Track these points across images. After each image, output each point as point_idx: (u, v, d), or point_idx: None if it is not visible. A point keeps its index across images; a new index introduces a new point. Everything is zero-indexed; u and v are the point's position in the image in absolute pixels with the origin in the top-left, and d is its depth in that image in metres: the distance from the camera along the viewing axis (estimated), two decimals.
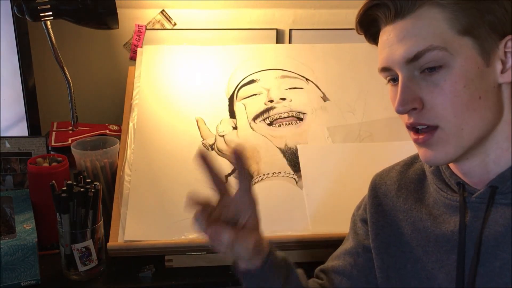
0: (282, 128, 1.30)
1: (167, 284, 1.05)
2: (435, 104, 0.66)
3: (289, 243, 1.08)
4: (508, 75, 0.67)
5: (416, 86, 0.67)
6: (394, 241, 0.80)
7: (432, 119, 0.67)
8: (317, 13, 1.57)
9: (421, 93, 0.67)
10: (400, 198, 0.81)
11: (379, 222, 0.82)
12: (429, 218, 0.76)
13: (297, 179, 1.20)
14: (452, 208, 0.74)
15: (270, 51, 1.47)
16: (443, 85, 0.65)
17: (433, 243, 0.75)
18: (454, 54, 0.65)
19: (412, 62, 0.67)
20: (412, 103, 0.67)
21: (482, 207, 0.70)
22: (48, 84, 1.51)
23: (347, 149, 1.26)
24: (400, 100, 0.67)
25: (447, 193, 0.75)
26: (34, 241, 1.01)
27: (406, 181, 0.82)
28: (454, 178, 0.75)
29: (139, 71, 1.40)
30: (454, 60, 0.65)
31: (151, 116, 1.31)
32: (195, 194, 0.68)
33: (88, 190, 1.03)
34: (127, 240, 1.06)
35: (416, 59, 0.66)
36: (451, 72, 0.65)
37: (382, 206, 0.83)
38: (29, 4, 1.22)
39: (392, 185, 0.83)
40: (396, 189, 0.82)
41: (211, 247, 0.72)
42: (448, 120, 0.66)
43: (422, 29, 0.66)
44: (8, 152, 1.29)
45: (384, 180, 0.85)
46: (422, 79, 0.67)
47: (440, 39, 0.65)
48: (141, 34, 1.51)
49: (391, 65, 0.69)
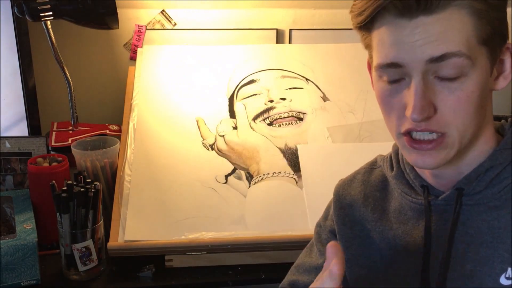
0: (282, 128, 1.30)
1: (167, 284, 1.05)
2: (448, 112, 0.63)
3: (289, 243, 1.08)
4: (501, 81, 0.66)
5: (430, 92, 0.63)
6: (364, 252, 0.78)
7: (442, 126, 0.63)
8: (317, 13, 1.57)
9: (435, 99, 0.63)
10: (368, 207, 0.78)
11: (347, 234, 0.79)
12: (398, 226, 0.74)
13: (297, 179, 1.20)
14: (418, 211, 0.72)
15: (270, 51, 1.47)
16: (459, 93, 0.62)
17: (403, 250, 0.73)
18: (474, 64, 0.62)
19: (434, 63, 0.61)
20: (428, 110, 0.62)
21: (448, 209, 0.69)
22: (48, 84, 1.51)
23: (347, 149, 1.26)
24: (419, 108, 0.61)
25: (412, 196, 0.73)
26: (34, 241, 1.01)
27: (370, 190, 0.80)
28: (419, 180, 0.73)
29: (139, 71, 1.40)
30: (474, 70, 0.62)
31: (151, 116, 1.31)
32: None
33: (88, 190, 1.03)
34: (127, 240, 1.06)
35: (440, 61, 0.61)
36: (469, 81, 0.62)
37: (349, 217, 0.80)
38: (29, 4, 1.22)
39: (357, 195, 0.80)
40: (362, 199, 0.79)
41: None
42: (456, 126, 0.64)
43: (452, 30, 0.60)
44: (8, 152, 1.29)
45: (348, 191, 0.82)
46: (437, 84, 0.63)
47: (467, 46, 0.61)
48: (141, 34, 1.51)
49: (406, 62, 0.63)
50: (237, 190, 1.18)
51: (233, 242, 1.08)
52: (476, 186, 0.67)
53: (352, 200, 0.81)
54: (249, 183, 1.19)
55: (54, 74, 1.47)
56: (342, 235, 0.80)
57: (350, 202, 0.81)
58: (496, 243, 0.66)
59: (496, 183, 0.67)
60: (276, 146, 1.26)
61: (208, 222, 1.12)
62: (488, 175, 0.67)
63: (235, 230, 1.10)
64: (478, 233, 0.67)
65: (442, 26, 0.60)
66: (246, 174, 1.21)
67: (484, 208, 0.67)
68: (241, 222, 1.12)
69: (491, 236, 0.66)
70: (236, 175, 1.21)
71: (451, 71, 0.61)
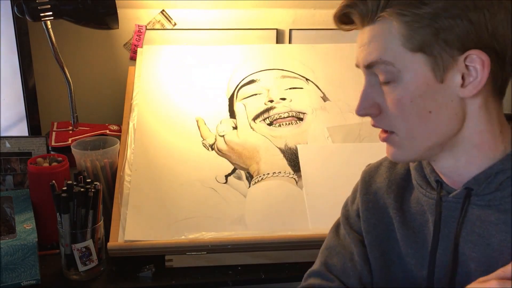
0: (282, 128, 1.30)
1: (167, 284, 1.05)
2: (389, 113, 0.69)
3: (289, 243, 1.08)
4: (470, 89, 0.66)
5: (376, 93, 0.70)
6: (385, 238, 0.80)
7: (387, 125, 0.70)
8: (317, 13, 1.57)
9: (378, 100, 0.70)
10: (391, 195, 0.81)
11: (370, 219, 0.82)
12: (415, 218, 0.77)
13: (297, 179, 1.20)
14: (431, 206, 0.74)
15: (270, 51, 1.47)
16: (392, 97, 0.68)
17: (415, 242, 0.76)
18: (402, 70, 0.66)
19: (369, 68, 0.69)
20: (369, 109, 0.70)
21: (458, 207, 0.71)
22: (48, 84, 1.51)
23: (347, 149, 1.26)
24: (358, 105, 0.71)
25: (426, 190, 0.75)
26: (34, 241, 1.01)
27: (395, 177, 0.82)
28: (434, 175, 0.75)
29: (139, 71, 1.40)
30: (402, 76, 0.66)
31: (151, 116, 1.31)
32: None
33: (88, 190, 1.03)
34: (127, 240, 1.06)
35: (370, 67, 0.69)
36: (398, 87, 0.67)
37: (372, 203, 0.83)
38: (29, 4, 1.22)
39: (383, 182, 0.83)
40: (386, 186, 0.82)
41: None
42: (399, 128, 0.69)
43: (377, 40, 0.67)
44: (8, 152, 1.29)
45: (374, 178, 0.85)
46: (381, 87, 0.69)
47: (390, 54, 0.66)
48: (141, 34, 1.51)
49: (359, 66, 0.72)
50: (237, 190, 1.18)
51: (233, 242, 1.08)
52: (485, 188, 0.69)
53: (377, 187, 0.83)
54: (249, 183, 1.19)
55: (54, 74, 1.47)
56: (365, 220, 0.82)
57: (376, 189, 0.83)
58: (502, 246, 0.67)
59: (506, 187, 0.68)
60: (276, 146, 1.26)
61: (208, 222, 1.12)
62: (498, 178, 0.68)
63: (235, 230, 1.10)
64: (485, 234, 0.68)
65: (371, 36, 0.68)
66: (246, 174, 1.21)
67: (494, 210, 0.68)
68: (241, 222, 1.13)
69: (498, 239, 0.67)
70: (236, 175, 1.21)
71: (382, 76, 0.68)
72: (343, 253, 0.84)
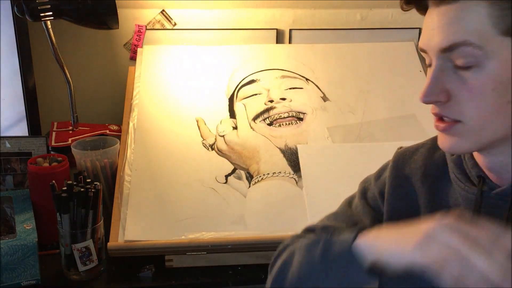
0: (282, 128, 1.30)
1: (167, 284, 1.05)
2: (462, 101, 0.64)
3: None
4: None
5: (446, 78, 0.65)
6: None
7: (456, 114, 0.65)
8: (317, 13, 1.57)
9: (450, 86, 0.64)
10: (425, 185, 0.77)
11: (395, 204, 0.79)
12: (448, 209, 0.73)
13: (297, 179, 1.20)
14: (468, 201, 0.71)
15: (270, 51, 1.47)
16: (472, 83, 0.63)
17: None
18: (489, 54, 0.61)
19: (446, 52, 0.64)
20: (437, 95, 0.65)
21: (501, 204, 0.67)
22: (48, 84, 1.51)
23: (347, 149, 1.26)
24: (426, 91, 0.65)
25: (466, 184, 0.72)
26: (34, 241, 1.01)
27: (432, 167, 0.78)
28: (476, 170, 0.71)
29: (139, 71, 1.40)
30: (489, 61, 0.62)
31: (151, 116, 1.31)
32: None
33: (88, 190, 1.03)
34: (127, 240, 1.06)
35: (450, 51, 0.63)
36: (483, 72, 0.62)
37: (402, 188, 0.79)
38: (29, 4, 1.22)
39: (417, 169, 0.79)
40: (421, 174, 0.78)
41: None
42: (471, 118, 0.64)
43: (463, 20, 0.62)
44: (8, 152, 1.28)
45: (409, 162, 0.80)
46: (454, 72, 0.64)
47: (478, 36, 0.61)
48: (141, 34, 1.51)
49: (428, 49, 0.67)
50: (237, 190, 1.18)
51: (233, 242, 1.08)
52: None
53: (411, 173, 0.79)
54: (249, 183, 1.19)
55: (54, 74, 1.47)
56: (390, 203, 0.79)
57: (408, 174, 0.79)
58: None
59: None
60: (276, 146, 1.26)
61: (208, 222, 1.12)
62: None
63: (235, 230, 1.10)
64: None
65: (454, 16, 0.62)
66: (246, 174, 1.21)
67: None
68: (241, 222, 1.12)
69: None
70: (236, 175, 1.21)
71: (462, 60, 0.63)
72: (351, 220, 0.82)
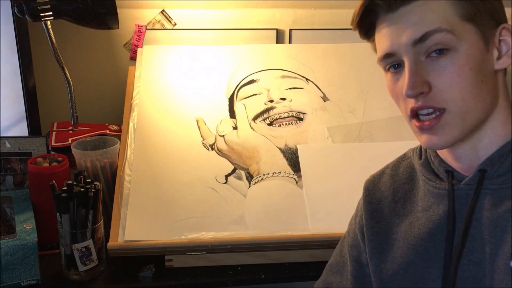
0: (282, 128, 1.30)
1: (167, 284, 1.05)
2: (443, 87, 0.68)
3: (289, 243, 1.08)
4: (503, 62, 0.70)
5: (423, 70, 0.68)
6: (387, 247, 0.80)
7: (440, 101, 0.68)
8: (317, 13, 1.57)
9: (428, 77, 0.68)
10: (398, 202, 0.81)
11: (373, 228, 0.82)
12: (422, 215, 0.77)
13: (297, 179, 1.20)
14: (440, 197, 0.74)
15: (270, 51, 1.47)
16: (450, 68, 0.67)
17: (427, 239, 0.75)
18: (460, 38, 0.67)
19: (419, 43, 0.68)
20: (421, 86, 0.68)
21: (470, 193, 0.71)
22: (48, 84, 1.51)
23: (347, 149, 1.26)
24: (410, 84, 0.68)
25: (436, 182, 0.75)
26: (34, 241, 1.01)
27: (399, 183, 0.82)
28: (443, 166, 0.75)
29: (139, 71, 1.40)
30: (460, 44, 0.67)
31: (151, 116, 1.31)
32: None
33: (88, 190, 1.03)
34: (127, 240, 1.06)
35: (423, 41, 0.67)
36: (458, 55, 0.67)
37: (377, 211, 0.83)
38: (29, 4, 1.22)
39: (387, 190, 0.83)
40: (392, 194, 0.82)
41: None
42: (455, 102, 0.68)
43: (429, 12, 0.68)
44: (8, 152, 1.29)
45: (378, 186, 0.85)
46: (429, 64, 0.68)
47: (447, 22, 0.67)
48: (141, 34, 1.51)
49: (396, 50, 0.70)
50: (237, 190, 1.18)
51: (233, 242, 1.08)
52: (499, 168, 0.69)
53: (382, 195, 0.83)
54: (249, 183, 1.19)
55: (54, 74, 1.47)
56: (368, 228, 0.83)
57: (380, 198, 0.83)
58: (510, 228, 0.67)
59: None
60: (276, 146, 1.26)
61: (208, 222, 1.12)
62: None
63: (235, 230, 1.10)
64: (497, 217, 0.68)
65: (420, 11, 0.68)
66: (246, 174, 1.21)
67: (508, 192, 0.68)
68: (241, 222, 1.12)
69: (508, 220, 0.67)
70: (236, 175, 1.21)
71: (437, 47, 0.67)
72: (341, 271, 0.88)
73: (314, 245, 1.09)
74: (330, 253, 0.94)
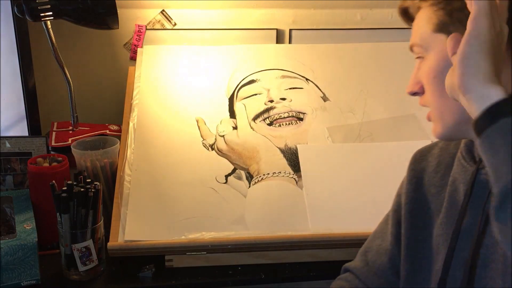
0: (282, 128, 1.30)
1: (167, 284, 1.05)
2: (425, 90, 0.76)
3: (289, 243, 1.08)
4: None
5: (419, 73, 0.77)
6: (420, 215, 0.84)
7: (426, 102, 0.77)
8: (317, 13, 1.57)
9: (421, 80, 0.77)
10: (438, 174, 0.84)
11: (410, 193, 0.86)
12: (450, 188, 0.80)
13: (297, 179, 1.20)
14: (465, 178, 0.78)
15: (270, 51, 1.47)
16: (421, 74, 0.76)
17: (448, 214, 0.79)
18: (428, 49, 0.75)
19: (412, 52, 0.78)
20: (413, 86, 0.78)
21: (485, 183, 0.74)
22: (48, 84, 1.51)
23: (347, 149, 1.26)
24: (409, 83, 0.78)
25: (467, 162, 0.78)
26: (34, 241, 1.01)
27: (445, 156, 0.85)
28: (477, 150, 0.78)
29: (139, 71, 1.40)
30: (428, 54, 0.75)
31: (151, 116, 1.31)
32: None
33: (88, 190, 1.03)
34: (127, 240, 1.06)
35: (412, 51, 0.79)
36: (425, 64, 0.75)
37: (417, 179, 0.86)
38: (29, 4, 1.22)
39: (433, 161, 0.86)
40: (435, 165, 0.85)
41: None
42: (431, 104, 0.76)
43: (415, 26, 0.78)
44: (8, 152, 1.28)
45: (426, 156, 0.88)
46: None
47: (420, 37, 0.76)
48: (141, 34, 1.51)
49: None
50: (237, 190, 1.18)
51: (233, 242, 1.08)
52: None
53: (426, 165, 0.87)
54: (249, 183, 1.19)
55: (54, 74, 1.47)
56: (406, 192, 0.87)
57: (423, 167, 0.87)
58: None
59: None
60: (276, 146, 1.26)
61: (208, 222, 1.12)
62: None
63: (235, 230, 1.10)
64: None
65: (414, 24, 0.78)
66: (246, 174, 1.21)
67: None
68: (241, 222, 1.12)
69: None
70: (236, 175, 1.21)
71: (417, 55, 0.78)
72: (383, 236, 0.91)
73: (314, 245, 1.09)
74: (330, 253, 0.94)
